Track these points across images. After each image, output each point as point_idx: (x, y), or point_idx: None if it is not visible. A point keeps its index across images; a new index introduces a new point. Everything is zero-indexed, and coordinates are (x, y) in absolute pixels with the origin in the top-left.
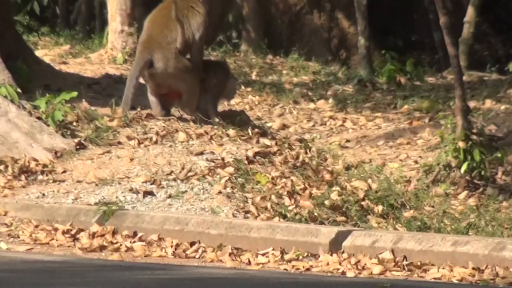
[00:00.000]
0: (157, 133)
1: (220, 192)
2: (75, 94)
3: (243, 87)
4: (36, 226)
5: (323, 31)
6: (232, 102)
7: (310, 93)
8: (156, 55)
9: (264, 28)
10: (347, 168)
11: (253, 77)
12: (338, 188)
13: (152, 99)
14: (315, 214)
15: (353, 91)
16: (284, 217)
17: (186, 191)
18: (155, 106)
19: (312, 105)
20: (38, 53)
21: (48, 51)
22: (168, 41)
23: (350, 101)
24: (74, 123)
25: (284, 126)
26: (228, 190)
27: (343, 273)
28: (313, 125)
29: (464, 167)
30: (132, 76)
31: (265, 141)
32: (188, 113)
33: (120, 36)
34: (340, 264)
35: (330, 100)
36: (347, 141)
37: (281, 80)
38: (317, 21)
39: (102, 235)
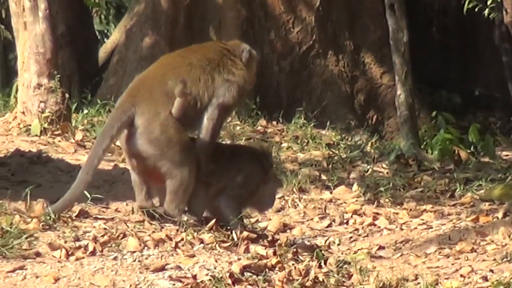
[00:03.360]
0: (95, 240)
1: None
2: None
3: None
4: None
5: (343, 83)
6: None
7: (324, 177)
8: (139, 108)
9: None
10: None
11: None
12: None
13: (133, 178)
14: None
15: (389, 173)
16: None
17: None
18: (138, 192)
19: (327, 195)
20: None
21: None
22: (165, 91)
23: (384, 187)
24: None
25: (285, 227)
26: None
27: None
28: (329, 225)
29: None
30: (104, 134)
31: (258, 249)
32: (168, 213)
33: (36, 94)
34: None
35: (355, 187)
36: (381, 248)
37: (279, 158)
38: (333, 68)
39: None
